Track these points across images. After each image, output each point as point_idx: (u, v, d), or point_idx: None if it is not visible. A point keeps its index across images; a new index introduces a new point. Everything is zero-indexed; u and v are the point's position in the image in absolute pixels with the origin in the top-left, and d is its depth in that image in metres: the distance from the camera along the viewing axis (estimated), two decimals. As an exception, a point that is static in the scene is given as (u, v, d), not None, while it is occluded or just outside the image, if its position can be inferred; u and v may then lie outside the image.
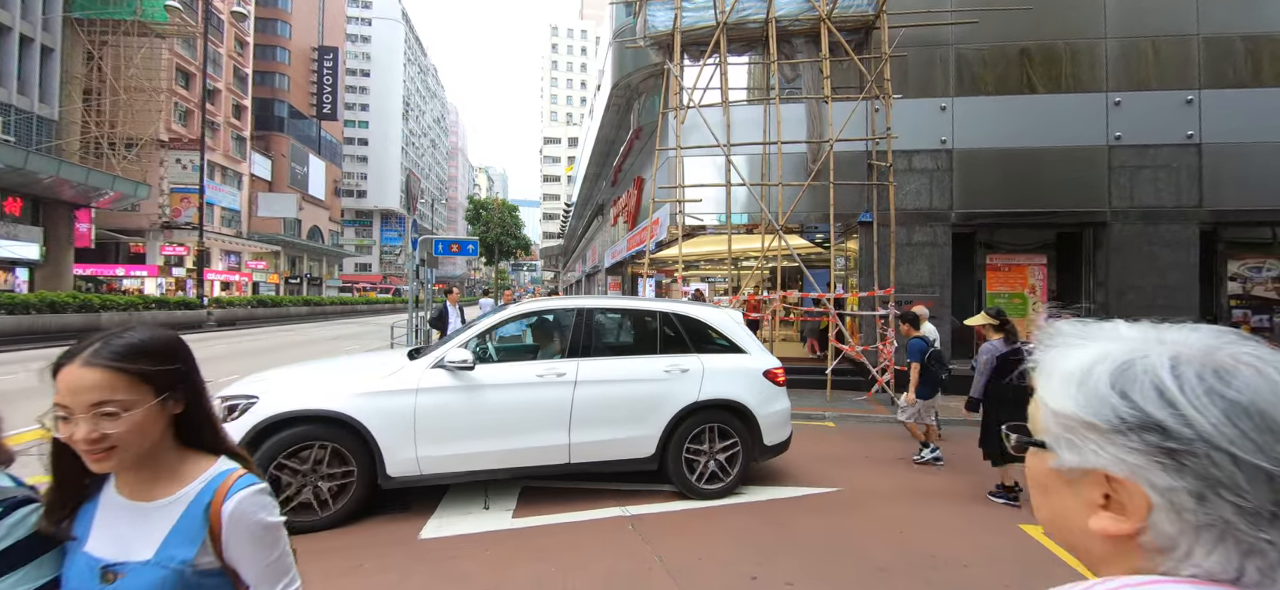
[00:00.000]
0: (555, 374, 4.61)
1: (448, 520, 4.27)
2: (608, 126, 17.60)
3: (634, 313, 5.51)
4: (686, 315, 5.21)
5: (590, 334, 4.88)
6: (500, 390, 4.49)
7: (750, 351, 5.20)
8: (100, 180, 26.57)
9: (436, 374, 4.38)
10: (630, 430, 4.69)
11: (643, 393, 4.75)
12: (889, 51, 9.98)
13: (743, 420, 4.95)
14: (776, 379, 5.15)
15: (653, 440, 4.74)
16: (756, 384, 5.05)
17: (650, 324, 5.25)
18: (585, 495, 4.86)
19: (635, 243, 15.20)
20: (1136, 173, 10.33)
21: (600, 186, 24.15)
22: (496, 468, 4.45)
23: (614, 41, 14.10)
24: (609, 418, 4.66)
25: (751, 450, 4.96)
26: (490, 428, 4.43)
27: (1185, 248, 10.23)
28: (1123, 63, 10.48)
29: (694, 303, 5.53)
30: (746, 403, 4.93)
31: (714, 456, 4.89)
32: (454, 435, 4.32)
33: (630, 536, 4.10)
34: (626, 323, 5.46)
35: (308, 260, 56.81)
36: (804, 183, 10.22)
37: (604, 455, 4.67)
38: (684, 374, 4.85)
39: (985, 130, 10.56)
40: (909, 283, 10.47)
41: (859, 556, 3.92)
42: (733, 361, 5.08)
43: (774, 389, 5.12)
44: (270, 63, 53.39)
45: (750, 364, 5.12)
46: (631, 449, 4.71)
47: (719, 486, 4.86)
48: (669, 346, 5.03)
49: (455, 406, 4.36)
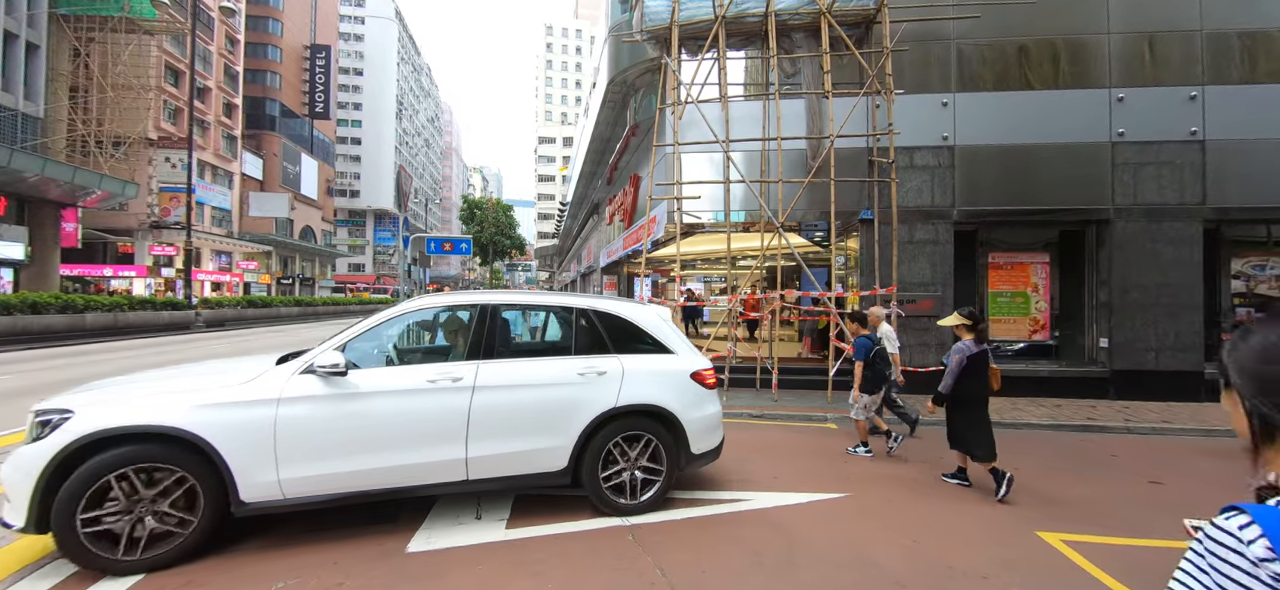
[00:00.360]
0: (450, 379, 4.09)
1: (437, 532, 4.04)
2: (603, 124, 17.38)
3: (547, 310, 5.14)
4: (607, 312, 4.75)
5: (495, 333, 4.38)
6: (383, 399, 3.92)
7: (678, 351, 4.79)
8: (87, 179, 26.12)
9: (304, 381, 3.80)
10: (539, 440, 4.23)
11: (554, 398, 4.29)
12: (891, 46, 9.80)
13: (667, 427, 4.53)
14: (705, 381, 4.73)
15: (565, 451, 4.28)
16: (683, 387, 4.63)
17: (566, 322, 4.84)
18: (583, 504, 4.64)
19: (631, 241, 14.99)
20: (1140, 170, 10.20)
21: (596, 185, 23.92)
22: (378, 488, 3.90)
23: (610, 36, 13.89)
24: (514, 427, 4.17)
25: (677, 460, 4.54)
26: (370, 442, 3.86)
27: (1189, 245, 10.11)
28: (1126, 58, 10.35)
29: (616, 299, 5.07)
30: (671, 408, 4.50)
31: (634, 467, 4.45)
32: (325, 452, 3.76)
33: (631, 548, 3.88)
34: (538, 321, 5.11)
35: (300, 260, 56.27)
36: (804, 180, 10.03)
37: (509, 470, 4.18)
38: (601, 377, 4.40)
39: (987, 126, 10.40)
40: (911, 281, 10.30)
41: (872, 568, 3.71)
42: (657, 363, 4.67)
43: (703, 392, 4.71)
44: (262, 61, 52.85)
45: (677, 365, 4.70)
46: (540, 461, 4.24)
47: (639, 501, 4.42)
48: (586, 347, 4.59)
49: (327, 418, 3.79)
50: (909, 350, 10.15)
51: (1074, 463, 6.53)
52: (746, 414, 8.64)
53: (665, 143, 10.64)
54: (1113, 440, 7.69)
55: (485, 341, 4.33)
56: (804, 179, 10.05)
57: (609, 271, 22.03)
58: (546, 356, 4.67)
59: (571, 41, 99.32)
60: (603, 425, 4.37)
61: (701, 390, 4.71)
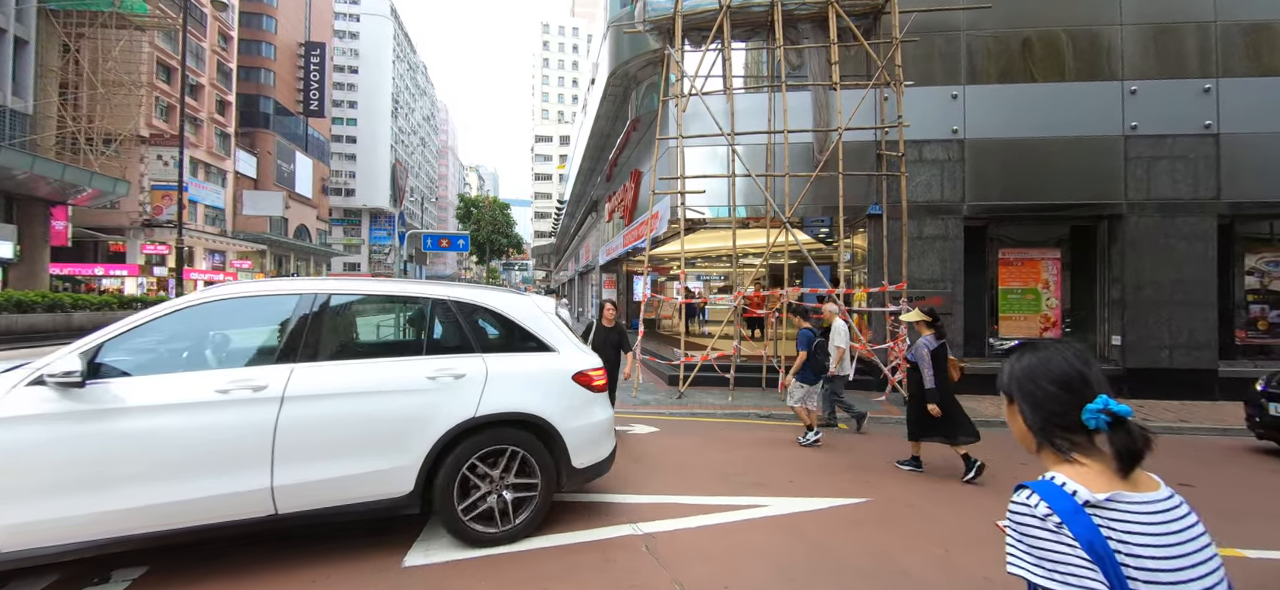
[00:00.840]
0: (250, 388, 3.26)
1: (435, 545, 3.76)
2: (603, 119, 17.10)
3: (394, 300, 4.27)
4: (471, 303, 4.04)
5: (320, 330, 3.58)
6: (147, 415, 3.08)
7: (559, 349, 4.13)
8: (77, 176, 25.67)
9: (32, 396, 2.94)
10: (373, 460, 3.45)
11: (394, 409, 3.54)
12: (900, 37, 9.56)
13: (543, 438, 3.90)
14: (592, 383, 4.11)
15: (410, 472, 3.53)
16: (563, 391, 3.99)
17: (418, 316, 4.04)
18: (592, 511, 4.37)
19: (632, 238, 14.71)
20: (1153, 164, 9.99)
21: (595, 181, 23.64)
22: (144, 532, 3.03)
23: (611, 27, 13.61)
24: (339, 446, 3.40)
25: (554, 477, 3.90)
26: (128, 472, 3.03)
27: (1203, 241, 9.91)
28: (1139, 50, 10.14)
29: (486, 287, 4.33)
30: (546, 415, 3.85)
31: (501, 489, 3.75)
32: (62, 487, 2.92)
33: (645, 560, 3.62)
34: (381, 314, 4.20)
35: (295, 260, 55.78)
36: (811, 173, 9.77)
37: (334, 498, 3.40)
38: (458, 381, 3.69)
39: (998, 119, 10.18)
40: (920, 277, 10.07)
41: (903, 579, 3.46)
42: (531, 363, 4.01)
43: (588, 396, 4.09)
44: (255, 58, 52.32)
45: (555, 365, 4.05)
46: (376, 486, 3.47)
47: (511, 527, 3.74)
48: (444, 345, 3.91)
49: (62, 443, 2.95)
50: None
51: (1097, 464, 6.29)
52: (754, 414, 8.40)
53: (668, 136, 10.38)
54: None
55: (305, 340, 3.51)
56: (811, 173, 9.79)
57: (608, 269, 21.76)
58: (390, 357, 3.88)
59: (568, 40, 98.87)
60: (460, 439, 3.65)
61: (586, 394, 4.09)
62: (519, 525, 3.77)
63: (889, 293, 9.61)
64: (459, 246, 11.03)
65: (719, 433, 7.27)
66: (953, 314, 10.11)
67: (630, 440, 6.67)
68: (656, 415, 8.17)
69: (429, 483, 3.61)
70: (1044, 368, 1.09)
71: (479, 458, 3.70)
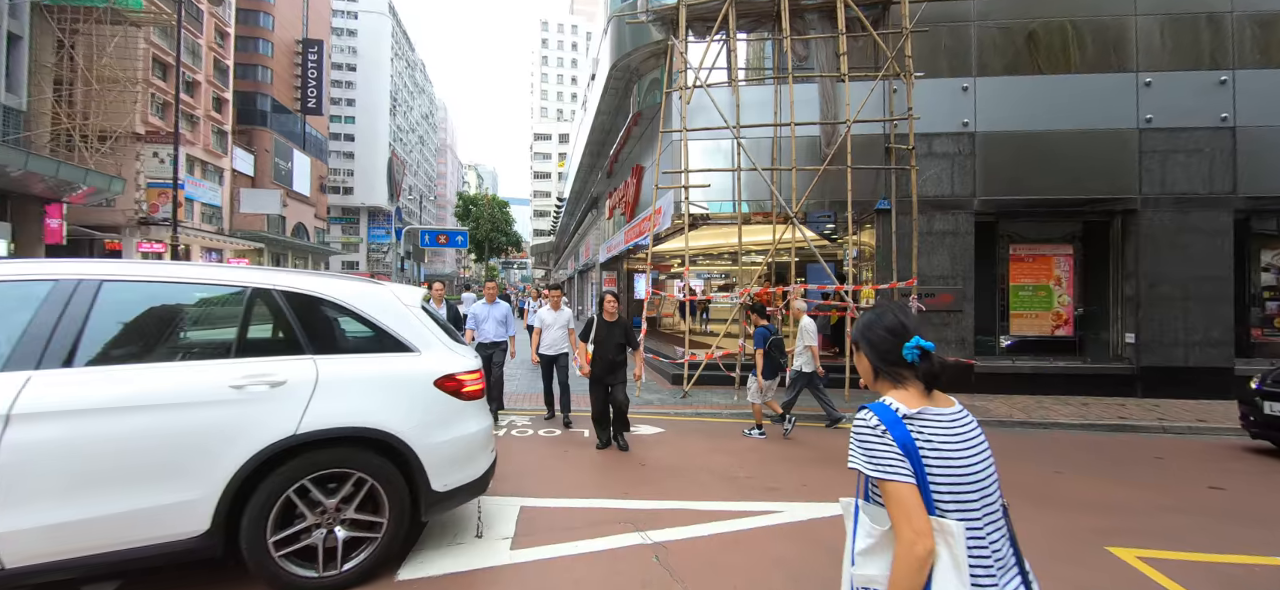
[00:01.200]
0: None
1: (431, 555, 3.52)
2: (604, 113, 16.84)
3: (198, 288, 3.25)
4: (304, 294, 3.27)
5: (82, 327, 2.80)
6: None
7: (421, 349, 3.39)
8: (72, 174, 25.38)
9: None
10: (148, 494, 2.71)
11: (182, 427, 2.79)
12: (910, 27, 9.32)
13: (394, 459, 3.16)
14: (461, 389, 3.40)
15: (205, 506, 2.79)
16: (421, 400, 3.28)
17: (228, 311, 3.23)
18: (596, 518, 4.14)
19: (633, 235, 14.46)
20: (1168, 157, 9.76)
21: (595, 178, 23.38)
22: None
23: (612, 19, 13.35)
24: (98, 478, 2.65)
25: (407, 511, 3.17)
26: None
27: (1219, 236, 9.68)
28: (1154, 41, 9.91)
29: (329, 275, 3.67)
30: (396, 431, 3.13)
31: (336, 523, 3.03)
32: None
33: (656, 572, 3.38)
34: (177, 306, 3.20)
35: (293, 258, 55.48)
36: (819, 167, 9.52)
37: (90, 545, 2.64)
38: (275, 391, 2.95)
39: (1010, 112, 9.94)
40: (930, 274, 9.83)
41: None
42: (380, 366, 3.27)
43: (455, 406, 3.38)
44: (252, 55, 52.01)
45: (413, 369, 3.31)
46: (156, 526, 2.73)
47: (340, 572, 3.01)
48: (262, 346, 3.22)
49: None
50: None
51: (1120, 467, 6.07)
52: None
53: (672, 129, 10.13)
54: (1151, 441, 7.24)
55: (55, 341, 2.73)
56: (818, 166, 9.54)
57: (608, 267, 21.51)
58: (183, 361, 3.01)
59: (567, 37, 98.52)
60: (277, 463, 2.92)
61: (453, 403, 3.37)
62: (348, 571, 3.03)
63: (898, 289, 9.37)
64: (457, 242, 10.75)
65: (725, 433, 7.03)
66: (963, 311, 9.89)
67: (635, 441, 6.43)
68: (661, 415, 7.94)
69: (234, 518, 2.86)
70: (879, 320, 1.48)
71: (312, 481, 2.99)
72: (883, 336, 1.45)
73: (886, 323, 1.46)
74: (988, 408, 8.60)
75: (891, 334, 1.43)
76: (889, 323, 1.46)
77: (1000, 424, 7.88)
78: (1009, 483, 5.26)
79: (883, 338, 1.45)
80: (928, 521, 1.26)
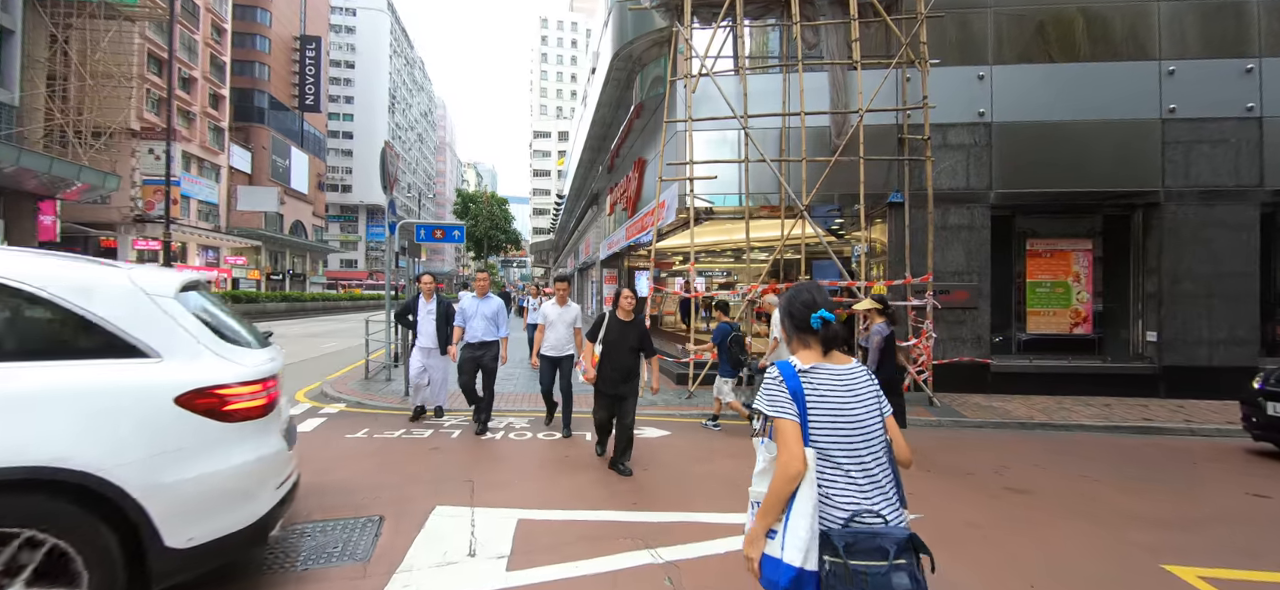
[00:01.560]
0: None
1: (419, 575, 3.16)
2: (605, 106, 16.46)
3: None
4: None
5: None
6: None
7: (161, 352, 2.50)
8: (65, 170, 24.99)
9: None
10: None
11: None
12: (925, 12, 8.94)
13: (99, 508, 2.28)
14: (221, 407, 2.54)
15: None
16: (148, 423, 2.41)
17: None
18: (600, 535, 3.78)
19: (635, 230, 14.09)
20: (1192, 149, 9.39)
21: (596, 173, 23.00)
22: None
23: (614, 6, 12.95)
24: None
25: (122, 575, 2.29)
26: None
27: (1245, 231, 9.32)
28: (1177, 28, 9.53)
29: (12, 251, 2.58)
30: (96, 469, 2.25)
31: None
32: None
33: (668, 597, 3.02)
34: None
35: (291, 256, 55.08)
36: (830, 158, 9.14)
37: None
38: None
39: (1027, 101, 9.57)
40: (944, 269, 9.47)
41: (983, 624, 2.87)
42: (78, 377, 2.37)
43: (209, 429, 2.52)
44: (249, 51, 51.55)
45: (140, 380, 2.44)
46: None
47: None
48: None
49: None
50: (943, 345, 9.34)
51: (1153, 472, 5.72)
52: (771, 416, 7.81)
53: (677, 119, 9.76)
54: (1179, 444, 6.89)
55: None
56: (829, 158, 9.17)
57: (609, 264, 21.14)
58: None
59: (567, 34, 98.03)
60: None
61: (208, 426, 2.52)
62: None
63: (913, 285, 9.01)
64: (454, 237, 10.39)
65: (733, 436, 6.68)
66: (979, 309, 9.53)
67: (640, 445, 6.07)
68: (666, 417, 7.58)
69: None
70: (797, 295, 1.78)
71: None
72: (799, 309, 1.73)
73: (803, 298, 1.74)
74: (1007, 409, 8.25)
75: (806, 307, 1.71)
76: (804, 298, 1.74)
77: (1021, 426, 7.53)
78: (1040, 492, 4.91)
79: (799, 310, 1.73)
80: (802, 449, 1.57)
